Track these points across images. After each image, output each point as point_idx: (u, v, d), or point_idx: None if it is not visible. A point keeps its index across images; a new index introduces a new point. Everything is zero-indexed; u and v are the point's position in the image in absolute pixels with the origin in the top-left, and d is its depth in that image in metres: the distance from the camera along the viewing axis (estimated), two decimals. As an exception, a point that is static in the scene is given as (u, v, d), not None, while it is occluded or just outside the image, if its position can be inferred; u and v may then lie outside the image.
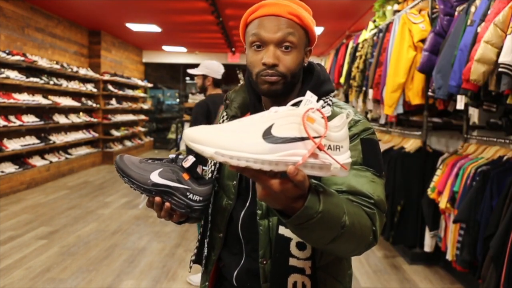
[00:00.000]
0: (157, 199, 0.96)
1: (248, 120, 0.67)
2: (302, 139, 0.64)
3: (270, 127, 0.64)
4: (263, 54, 0.94)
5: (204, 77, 3.20)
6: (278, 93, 0.96)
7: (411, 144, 3.88)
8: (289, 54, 0.94)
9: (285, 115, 0.65)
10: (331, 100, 1.00)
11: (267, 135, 0.63)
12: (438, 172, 3.15)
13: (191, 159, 0.97)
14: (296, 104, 0.68)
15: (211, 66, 3.19)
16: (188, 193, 0.96)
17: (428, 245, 3.39)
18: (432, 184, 3.15)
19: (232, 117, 1.06)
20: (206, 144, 0.62)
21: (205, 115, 3.06)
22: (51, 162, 7.04)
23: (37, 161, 6.71)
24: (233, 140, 0.63)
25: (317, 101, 0.97)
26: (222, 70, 3.21)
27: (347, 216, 0.75)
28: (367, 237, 0.82)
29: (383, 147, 4.10)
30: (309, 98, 0.67)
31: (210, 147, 0.62)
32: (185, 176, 0.97)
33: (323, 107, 0.97)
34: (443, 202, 2.97)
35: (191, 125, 3.14)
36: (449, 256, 2.95)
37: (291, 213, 0.70)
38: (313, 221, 0.69)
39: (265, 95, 0.98)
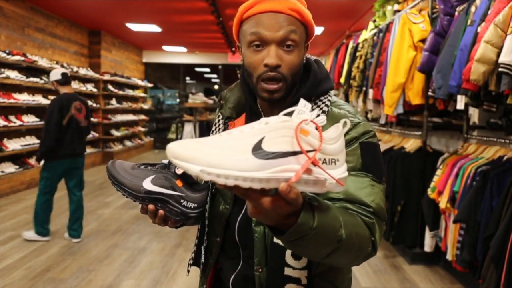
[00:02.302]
0: (151, 207, 0.92)
1: (237, 133, 0.62)
2: (294, 153, 0.59)
3: (261, 141, 0.59)
4: (264, 54, 0.88)
5: (52, 82, 3.96)
6: (281, 99, 0.91)
7: (411, 144, 3.88)
8: (291, 54, 0.89)
9: (277, 128, 0.60)
10: (329, 100, 0.96)
11: (257, 150, 0.59)
12: (438, 172, 3.15)
13: None
14: (289, 114, 0.63)
15: (52, 73, 3.95)
16: (182, 201, 0.93)
17: (428, 245, 3.38)
18: (432, 184, 3.14)
19: (227, 118, 1.03)
20: (190, 161, 0.57)
21: (59, 108, 3.77)
22: (51, 162, 7.03)
23: (37, 161, 6.70)
24: (220, 157, 0.57)
25: (315, 102, 0.96)
26: (60, 72, 3.92)
27: (344, 229, 0.72)
28: (365, 248, 0.78)
29: (383, 147, 4.10)
30: (302, 107, 0.63)
31: (195, 164, 0.57)
32: (179, 183, 0.93)
33: (319, 113, 0.94)
34: (443, 202, 2.97)
35: (47, 119, 3.78)
36: (449, 256, 2.95)
37: (285, 229, 0.66)
38: (307, 238, 0.66)
39: (265, 101, 0.94)
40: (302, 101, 0.64)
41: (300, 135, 0.60)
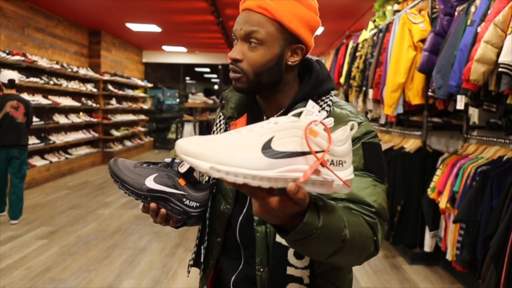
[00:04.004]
0: (153, 205, 0.92)
1: (247, 132, 0.62)
2: (303, 153, 0.60)
3: (270, 141, 0.60)
4: None
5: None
6: (245, 91, 0.94)
7: (411, 144, 3.88)
8: (254, 51, 0.90)
9: (286, 128, 0.61)
10: (331, 100, 0.96)
11: (267, 149, 0.59)
12: (438, 172, 3.15)
13: (187, 164, 0.95)
14: (297, 114, 0.64)
15: (2, 74, 4.60)
16: (184, 199, 0.93)
17: (428, 245, 3.39)
18: (432, 184, 3.14)
19: (228, 118, 1.03)
20: (200, 158, 0.57)
21: None
22: (51, 162, 7.04)
23: (37, 161, 6.71)
24: (229, 154, 0.58)
25: (316, 102, 0.95)
26: (8, 77, 4.57)
27: (348, 229, 0.72)
28: (368, 248, 0.79)
29: (383, 147, 4.10)
30: (311, 108, 0.63)
31: (205, 161, 0.57)
32: (181, 182, 0.93)
33: (323, 110, 0.93)
34: (443, 202, 2.97)
35: None
36: (449, 256, 2.95)
37: (290, 228, 0.66)
38: (312, 238, 0.67)
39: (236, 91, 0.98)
40: (310, 102, 0.64)
41: (309, 136, 0.60)
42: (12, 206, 4.53)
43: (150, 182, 0.92)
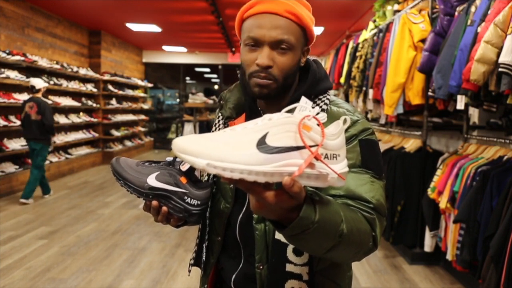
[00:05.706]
0: (154, 203, 0.93)
1: (241, 129, 0.63)
2: (297, 148, 0.61)
3: (265, 136, 0.61)
4: (258, 54, 0.90)
5: None
6: (269, 97, 0.92)
7: (411, 144, 3.88)
8: (285, 56, 0.90)
9: (280, 123, 0.62)
10: (328, 99, 0.97)
11: (262, 144, 0.60)
12: (438, 172, 3.15)
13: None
14: (291, 111, 0.65)
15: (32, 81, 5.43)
16: (185, 197, 0.94)
17: (428, 245, 3.39)
18: (432, 184, 3.14)
19: (227, 118, 1.04)
20: (197, 155, 0.58)
21: (21, 107, 5.40)
22: (51, 162, 7.03)
23: (37, 161, 6.69)
24: (225, 151, 0.59)
25: (314, 101, 0.97)
26: (30, 83, 5.44)
27: (345, 224, 0.73)
28: (366, 243, 0.80)
29: (383, 147, 4.11)
30: (304, 104, 0.64)
31: (201, 158, 0.58)
32: (183, 180, 0.94)
33: (320, 109, 0.95)
34: (443, 202, 2.97)
35: None
36: (449, 256, 2.95)
37: (287, 223, 0.67)
38: (309, 232, 0.67)
39: (256, 97, 0.95)
40: (303, 99, 0.65)
41: (303, 131, 0.61)
42: (28, 189, 5.47)
43: (152, 180, 0.93)
